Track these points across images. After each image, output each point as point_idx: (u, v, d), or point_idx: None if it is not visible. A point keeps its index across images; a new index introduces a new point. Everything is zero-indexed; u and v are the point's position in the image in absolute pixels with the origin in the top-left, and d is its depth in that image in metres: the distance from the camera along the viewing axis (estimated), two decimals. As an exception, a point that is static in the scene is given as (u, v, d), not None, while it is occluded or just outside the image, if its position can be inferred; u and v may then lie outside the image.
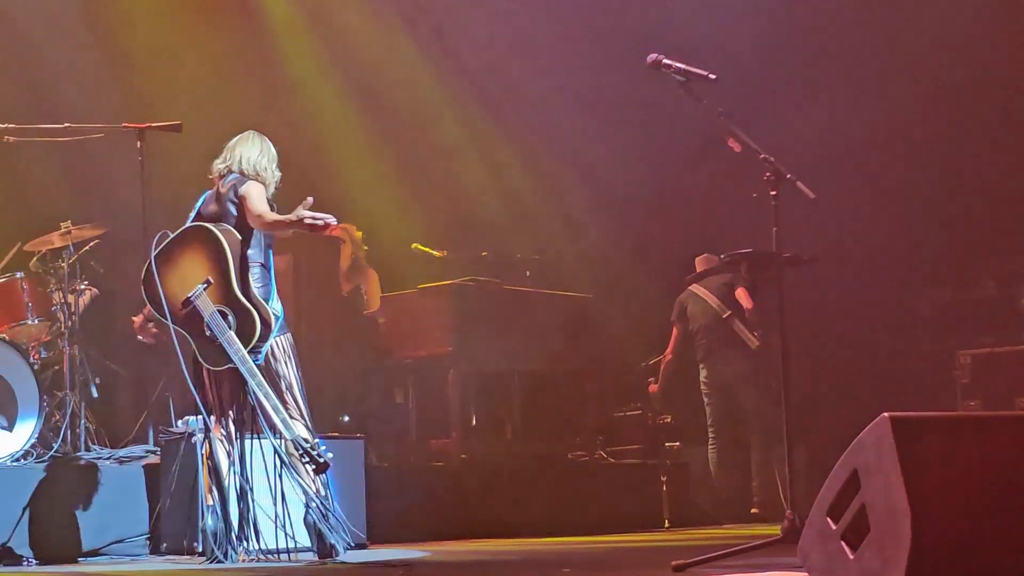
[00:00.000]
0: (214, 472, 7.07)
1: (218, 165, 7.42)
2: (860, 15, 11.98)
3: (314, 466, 6.82)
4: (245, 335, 6.93)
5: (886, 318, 12.39)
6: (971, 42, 11.42)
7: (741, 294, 10.81)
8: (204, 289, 7.00)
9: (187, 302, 7.01)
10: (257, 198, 7.17)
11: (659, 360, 11.50)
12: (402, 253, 11.58)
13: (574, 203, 12.61)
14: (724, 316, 11.00)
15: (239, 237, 7.17)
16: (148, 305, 7.19)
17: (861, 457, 4.86)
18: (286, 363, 7.16)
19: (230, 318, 6.94)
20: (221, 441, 7.07)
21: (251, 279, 7.09)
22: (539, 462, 10.75)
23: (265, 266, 7.22)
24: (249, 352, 6.92)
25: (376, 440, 10.13)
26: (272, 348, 7.10)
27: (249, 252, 7.16)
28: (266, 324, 6.98)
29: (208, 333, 6.94)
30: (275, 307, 7.10)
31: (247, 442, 7.08)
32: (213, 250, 7.07)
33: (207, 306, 6.97)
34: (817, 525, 5.03)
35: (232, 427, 7.07)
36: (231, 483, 7.04)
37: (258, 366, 6.94)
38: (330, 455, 6.84)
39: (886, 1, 11.94)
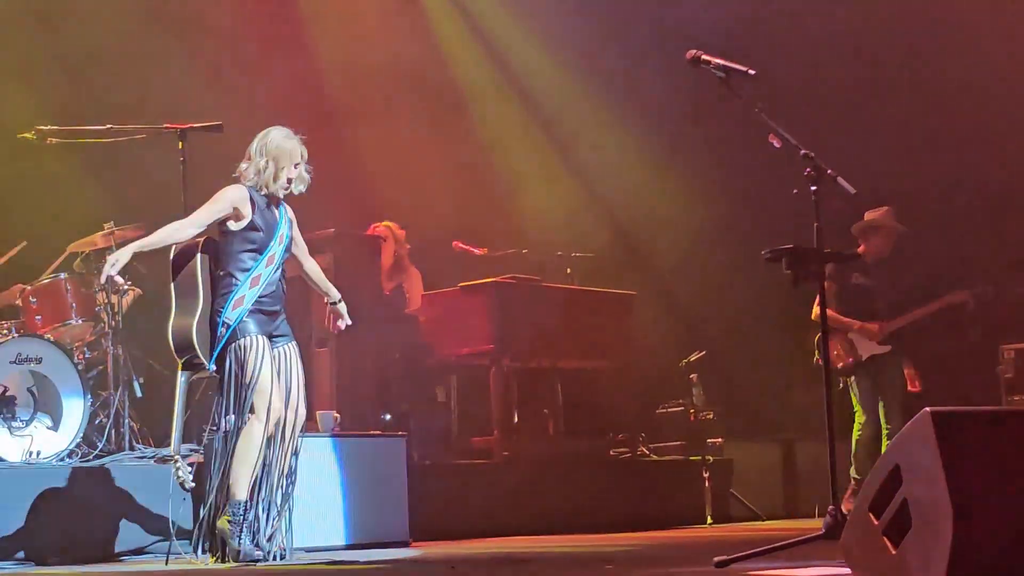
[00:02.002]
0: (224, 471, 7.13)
1: None
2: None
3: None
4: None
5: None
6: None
7: None
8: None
9: None
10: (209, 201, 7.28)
11: (701, 356, 11.45)
12: (443, 251, 11.60)
13: (615, 200, 12.59)
14: None
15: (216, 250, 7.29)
16: None
17: (903, 452, 4.85)
18: (242, 366, 7.11)
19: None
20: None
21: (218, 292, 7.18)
22: (581, 459, 10.76)
23: (228, 271, 7.20)
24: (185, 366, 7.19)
25: (418, 438, 10.15)
26: (233, 352, 7.11)
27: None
28: (176, 342, 7.13)
29: None
30: (227, 316, 7.11)
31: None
32: None
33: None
34: (859, 521, 5.02)
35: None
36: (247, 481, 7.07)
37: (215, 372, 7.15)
38: (187, 481, 7.14)
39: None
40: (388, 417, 10.43)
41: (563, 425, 11.08)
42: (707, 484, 10.74)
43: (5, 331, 9.01)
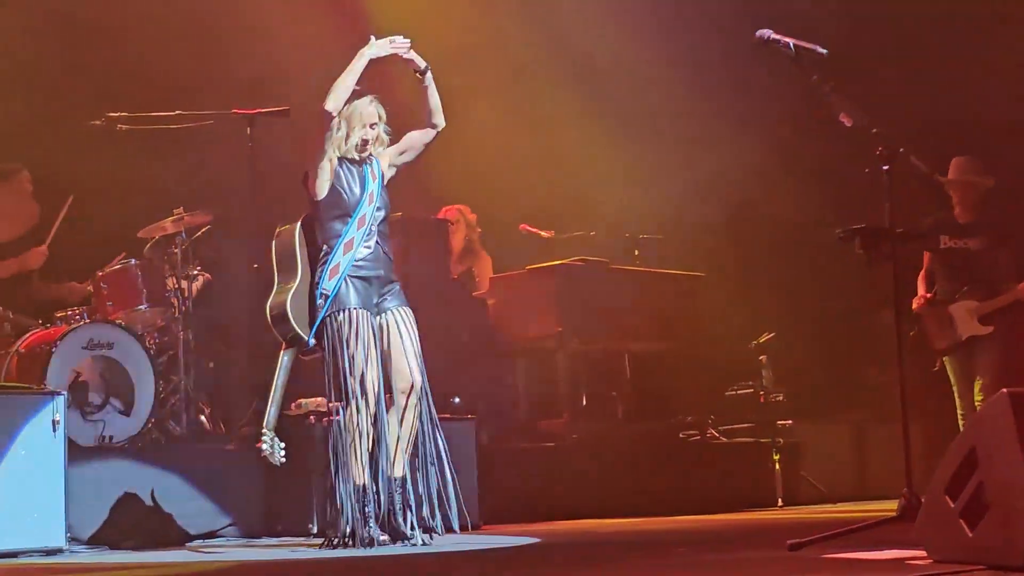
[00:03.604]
0: (337, 455, 7.08)
1: None
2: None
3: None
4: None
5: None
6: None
7: None
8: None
9: None
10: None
11: (770, 337, 11.38)
12: (510, 234, 11.59)
13: (683, 180, 12.52)
14: None
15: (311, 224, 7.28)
16: None
17: (979, 434, 4.81)
18: (339, 345, 7.07)
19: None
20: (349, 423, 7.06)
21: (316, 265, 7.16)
22: (650, 441, 10.73)
23: (324, 243, 7.17)
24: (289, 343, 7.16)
25: (486, 421, 10.15)
26: (330, 327, 7.09)
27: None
28: (272, 316, 7.14)
29: None
30: (325, 286, 7.08)
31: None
32: None
33: None
34: (934, 503, 4.98)
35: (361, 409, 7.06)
36: (356, 466, 7.04)
37: (312, 349, 7.14)
38: (276, 457, 7.12)
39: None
40: (457, 400, 10.43)
41: (631, 408, 11.05)
42: (777, 466, 10.70)
43: (77, 317, 9.08)
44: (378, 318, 7.19)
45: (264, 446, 7.12)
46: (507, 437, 10.50)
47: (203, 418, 9.50)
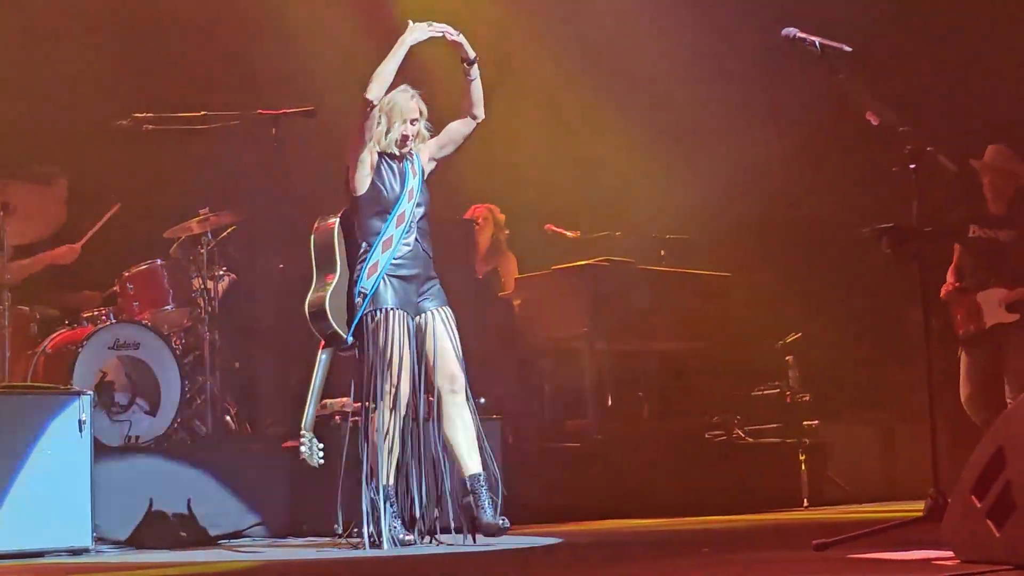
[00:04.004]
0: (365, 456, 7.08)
1: None
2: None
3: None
4: None
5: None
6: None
7: None
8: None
9: None
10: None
11: (797, 337, 11.34)
12: (535, 234, 11.57)
13: (710, 180, 12.49)
14: None
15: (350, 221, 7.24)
16: None
17: (1007, 434, 4.78)
18: (374, 345, 7.04)
19: None
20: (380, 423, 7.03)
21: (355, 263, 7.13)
22: (676, 442, 10.70)
23: (363, 240, 7.13)
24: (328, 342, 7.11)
25: (512, 421, 10.14)
26: (367, 326, 7.06)
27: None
28: (311, 314, 7.10)
29: None
30: (363, 285, 7.05)
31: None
32: None
33: None
34: (961, 503, 4.95)
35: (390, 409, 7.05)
36: (382, 466, 7.04)
37: (350, 346, 7.10)
38: (315, 458, 7.08)
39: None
40: (483, 400, 10.42)
41: (657, 408, 11.03)
42: (803, 467, 10.66)
43: (104, 317, 9.11)
44: (417, 318, 7.16)
45: (303, 447, 7.07)
46: (533, 437, 10.49)
47: (229, 418, 9.52)
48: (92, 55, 10.38)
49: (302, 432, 7.11)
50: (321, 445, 7.13)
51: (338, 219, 7.24)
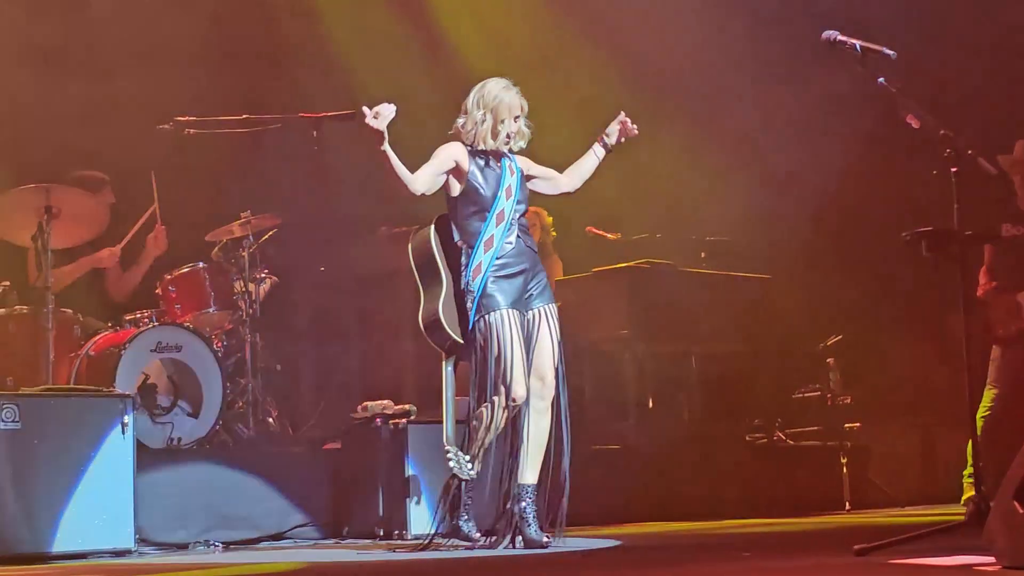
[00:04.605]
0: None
1: None
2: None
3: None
4: None
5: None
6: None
7: None
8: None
9: None
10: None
11: (838, 340, 11.30)
12: (576, 236, 11.57)
13: (750, 183, 12.46)
14: None
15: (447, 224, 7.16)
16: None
17: (1049, 438, 4.75)
18: (486, 349, 6.95)
19: None
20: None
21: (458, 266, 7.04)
22: (717, 444, 10.68)
23: (464, 242, 7.04)
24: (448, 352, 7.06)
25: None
26: (479, 329, 6.97)
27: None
28: (426, 327, 7.02)
29: None
30: (471, 286, 6.96)
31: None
32: None
33: None
34: (1003, 509, 4.93)
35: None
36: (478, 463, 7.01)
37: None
38: (464, 470, 6.95)
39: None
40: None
41: (698, 410, 11.01)
42: (845, 470, 10.63)
43: (146, 320, 9.15)
44: (527, 314, 7.08)
45: (451, 463, 6.94)
46: (573, 440, 10.47)
47: (270, 420, 9.55)
48: (135, 61, 10.44)
49: (447, 448, 6.97)
50: (468, 456, 6.98)
51: (432, 227, 7.14)
